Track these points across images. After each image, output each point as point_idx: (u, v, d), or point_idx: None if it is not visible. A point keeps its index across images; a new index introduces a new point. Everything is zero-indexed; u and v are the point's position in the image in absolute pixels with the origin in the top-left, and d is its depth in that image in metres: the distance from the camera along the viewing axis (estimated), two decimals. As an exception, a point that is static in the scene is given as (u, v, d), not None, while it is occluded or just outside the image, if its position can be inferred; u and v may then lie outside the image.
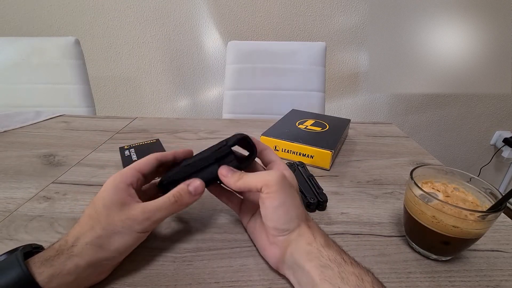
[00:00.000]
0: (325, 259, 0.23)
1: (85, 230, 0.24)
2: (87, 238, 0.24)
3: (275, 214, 0.26)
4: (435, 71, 1.31)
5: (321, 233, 0.26)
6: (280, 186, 0.26)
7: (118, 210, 0.25)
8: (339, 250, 0.24)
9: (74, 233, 0.24)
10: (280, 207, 0.26)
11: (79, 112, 0.91)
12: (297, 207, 0.27)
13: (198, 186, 0.28)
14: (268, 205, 0.26)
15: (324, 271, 0.22)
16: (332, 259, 0.23)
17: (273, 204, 0.26)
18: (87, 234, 0.24)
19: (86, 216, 0.25)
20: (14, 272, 0.20)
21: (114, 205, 0.25)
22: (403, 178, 0.47)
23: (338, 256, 0.23)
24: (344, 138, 0.59)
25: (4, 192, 0.40)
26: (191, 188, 0.28)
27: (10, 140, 0.57)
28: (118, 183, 0.26)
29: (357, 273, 0.22)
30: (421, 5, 1.19)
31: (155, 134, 0.61)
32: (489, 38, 1.24)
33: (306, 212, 0.28)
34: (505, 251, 0.32)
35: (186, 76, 1.36)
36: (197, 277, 0.27)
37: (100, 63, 1.33)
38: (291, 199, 0.26)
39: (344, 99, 1.41)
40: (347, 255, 0.24)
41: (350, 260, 0.23)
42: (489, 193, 0.29)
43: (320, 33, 1.26)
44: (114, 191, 0.26)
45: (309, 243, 0.24)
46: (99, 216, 0.25)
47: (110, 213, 0.25)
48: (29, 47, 0.89)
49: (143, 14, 1.23)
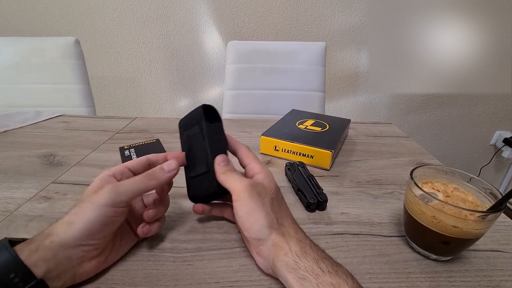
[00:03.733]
0: (302, 270, 0.22)
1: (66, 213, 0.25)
2: (62, 219, 0.24)
3: (246, 222, 0.26)
4: (435, 71, 1.31)
5: (297, 239, 0.25)
6: (246, 194, 0.26)
7: (93, 193, 0.25)
8: (316, 257, 0.23)
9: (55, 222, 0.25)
10: (249, 215, 0.26)
11: (79, 112, 0.91)
12: (266, 215, 0.26)
13: (171, 163, 0.29)
14: (237, 212, 0.27)
15: (303, 284, 0.22)
16: (309, 269, 0.22)
17: (241, 211, 0.26)
18: (64, 217, 0.25)
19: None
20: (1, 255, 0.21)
21: (91, 190, 0.26)
22: (403, 178, 0.47)
23: (315, 265, 0.23)
24: (344, 138, 0.59)
25: (4, 192, 0.40)
26: (165, 165, 0.29)
27: (10, 140, 0.57)
28: (103, 175, 0.27)
29: (335, 283, 0.21)
30: (421, 5, 1.19)
31: (155, 134, 0.61)
32: (489, 38, 1.24)
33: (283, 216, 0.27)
34: (505, 251, 0.32)
35: (186, 76, 1.36)
36: (197, 277, 0.27)
37: (100, 63, 1.33)
38: (259, 207, 0.26)
39: (344, 99, 1.41)
40: (325, 262, 0.23)
41: (328, 268, 0.22)
42: (489, 193, 0.29)
43: (320, 33, 1.26)
44: (97, 180, 0.26)
45: (285, 253, 0.24)
46: (77, 202, 0.26)
47: (86, 196, 0.25)
48: (29, 47, 0.89)
49: (143, 14, 1.23)
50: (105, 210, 0.25)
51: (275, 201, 0.28)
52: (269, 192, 0.28)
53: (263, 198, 0.27)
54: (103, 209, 0.24)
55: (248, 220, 0.26)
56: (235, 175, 0.28)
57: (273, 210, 0.27)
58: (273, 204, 0.27)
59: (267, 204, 0.27)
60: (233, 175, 0.28)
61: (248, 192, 0.26)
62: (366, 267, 0.29)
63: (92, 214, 0.24)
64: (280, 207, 0.28)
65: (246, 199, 0.26)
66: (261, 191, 0.27)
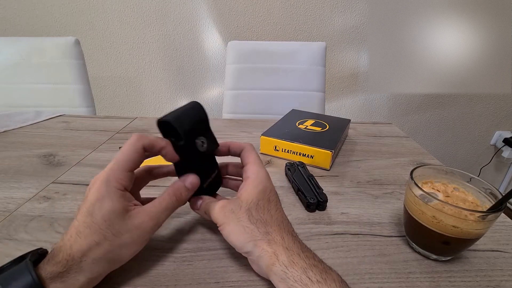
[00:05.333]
0: (291, 281, 0.22)
1: (91, 245, 0.22)
2: (95, 255, 0.22)
3: (230, 242, 0.26)
4: (435, 71, 1.31)
5: (283, 247, 0.24)
6: (220, 216, 0.27)
7: (121, 220, 0.23)
8: (304, 266, 0.23)
9: (77, 246, 0.22)
10: (229, 235, 0.26)
11: (79, 112, 0.91)
12: (243, 229, 0.25)
13: (193, 181, 0.29)
14: (223, 235, 0.27)
15: None
16: (298, 279, 0.22)
17: (224, 234, 0.27)
18: (95, 251, 0.22)
19: (83, 225, 0.23)
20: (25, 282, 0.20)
21: (115, 216, 0.23)
22: (403, 178, 0.47)
23: (303, 275, 0.22)
24: (344, 138, 0.59)
25: (4, 192, 0.40)
26: (187, 183, 0.29)
27: (10, 140, 0.57)
28: (113, 190, 0.24)
29: None
30: (421, 5, 1.19)
31: (155, 134, 0.61)
32: (489, 38, 1.24)
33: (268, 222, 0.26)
34: (505, 251, 0.32)
35: (186, 76, 1.36)
36: (197, 277, 0.27)
37: (100, 63, 1.33)
38: (234, 223, 0.26)
39: (344, 99, 1.41)
40: (314, 271, 0.22)
41: (316, 277, 0.22)
42: (489, 193, 0.29)
43: (320, 33, 1.26)
44: (110, 199, 0.23)
45: (273, 264, 0.24)
46: (101, 228, 0.23)
47: (114, 225, 0.23)
48: (29, 47, 0.89)
49: (143, 14, 1.23)
50: (147, 240, 0.26)
51: (253, 210, 0.26)
52: (244, 204, 0.27)
53: (237, 213, 0.26)
54: (146, 241, 0.26)
55: (230, 240, 0.26)
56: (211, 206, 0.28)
57: (252, 220, 0.26)
58: (251, 215, 0.26)
59: (243, 217, 0.26)
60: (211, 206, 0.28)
61: (221, 214, 0.27)
62: (366, 267, 0.29)
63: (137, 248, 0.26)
64: (262, 213, 0.27)
65: (222, 220, 0.26)
66: (234, 208, 0.26)
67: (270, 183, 0.29)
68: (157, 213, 0.26)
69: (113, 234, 0.23)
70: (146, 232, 0.25)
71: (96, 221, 0.23)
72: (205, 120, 0.30)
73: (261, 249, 0.24)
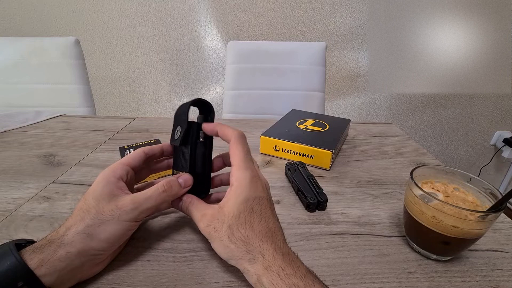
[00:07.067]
0: None
1: (76, 221, 0.25)
2: (77, 228, 0.24)
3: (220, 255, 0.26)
4: (435, 71, 1.31)
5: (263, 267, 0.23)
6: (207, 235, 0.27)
7: (108, 201, 0.26)
8: (289, 284, 0.22)
9: (65, 224, 0.25)
10: (217, 251, 0.26)
11: (79, 112, 0.91)
12: (225, 249, 0.25)
13: (187, 179, 0.30)
14: None
15: None
16: None
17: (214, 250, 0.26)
18: (78, 224, 0.24)
19: (77, 209, 0.26)
20: (7, 260, 0.21)
21: (104, 197, 0.26)
22: (403, 178, 0.47)
23: None
24: (344, 138, 0.59)
25: (4, 192, 0.40)
26: (181, 180, 0.29)
27: (10, 140, 0.57)
28: (108, 177, 0.27)
29: None
30: (421, 5, 1.19)
31: (155, 134, 0.61)
32: (489, 38, 1.24)
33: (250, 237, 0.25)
34: (505, 251, 0.32)
35: (186, 76, 1.36)
36: (197, 277, 0.27)
37: (100, 63, 1.33)
38: (217, 242, 0.26)
39: (344, 99, 1.41)
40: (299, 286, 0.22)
41: None
42: (489, 193, 0.29)
43: (320, 33, 1.26)
44: (104, 184, 0.27)
45: (255, 284, 0.24)
46: (89, 207, 0.25)
47: (100, 204, 0.25)
48: (29, 47, 0.89)
49: (143, 14, 1.23)
50: (128, 225, 0.26)
51: (234, 227, 0.25)
52: (226, 219, 0.26)
53: (219, 232, 0.26)
54: (126, 224, 0.26)
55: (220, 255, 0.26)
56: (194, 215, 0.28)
57: (232, 239, 0.25)
58: (231, 234, 0.25)
59: (224, 237, 0.25)
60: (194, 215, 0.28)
61: (206, 232, 0.27)
62: (366, 267, 0.29)
63: (116, 228, 0.25)
64: (243, 228, 0.25)
65: (207, 237, 0.27)
66: (217, 226, 0.26)
67: (254, 190, 0.27)
68: (140, 199, 0.26)
69: (97, 210, 0.25)
70: (125, 213, 0.25)
71: (87, 202, 0.26)
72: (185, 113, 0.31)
73: (243, 267, 0.25)
